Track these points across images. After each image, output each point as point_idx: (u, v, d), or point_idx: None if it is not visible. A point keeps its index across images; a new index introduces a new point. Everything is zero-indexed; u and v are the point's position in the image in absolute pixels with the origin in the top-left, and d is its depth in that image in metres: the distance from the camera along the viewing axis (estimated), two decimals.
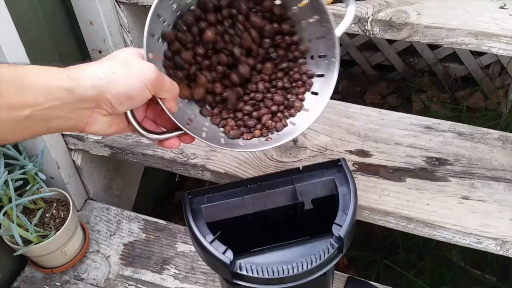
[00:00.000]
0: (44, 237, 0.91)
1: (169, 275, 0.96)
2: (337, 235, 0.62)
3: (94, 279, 0.97)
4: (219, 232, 0.65)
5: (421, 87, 1.89)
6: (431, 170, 0.89)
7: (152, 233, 1.04)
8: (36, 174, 0.92)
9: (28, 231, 0.88)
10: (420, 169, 0.89)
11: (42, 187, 0.93)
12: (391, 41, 1.98)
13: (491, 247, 0.79)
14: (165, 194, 1.56)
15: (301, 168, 0.69)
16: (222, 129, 0.67)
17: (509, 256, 0.79)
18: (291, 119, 0.67)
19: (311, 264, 0.61)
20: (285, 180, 0.69)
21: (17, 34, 0.83)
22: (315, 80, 0.68)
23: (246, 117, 0.67)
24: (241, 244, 0.65)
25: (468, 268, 1.32)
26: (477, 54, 1.88)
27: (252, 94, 0.68)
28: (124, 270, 0.98)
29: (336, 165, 0.69)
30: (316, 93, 0.67)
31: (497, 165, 0.89)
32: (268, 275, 0.61)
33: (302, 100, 0.67)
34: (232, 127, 0.67)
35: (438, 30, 0.86)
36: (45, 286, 0.97)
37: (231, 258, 0.61)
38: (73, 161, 1.03)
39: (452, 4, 0.90)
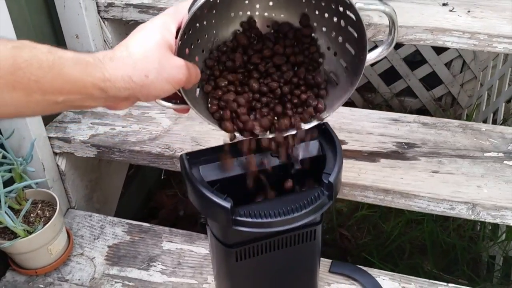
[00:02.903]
0: (31, 234, 0.91)
1: (156, 271, 0.97)
2: (327, 182, 0.67)
3: (79, 279, 0.96)
4: (217, 186, 0.68)
5: None
6: (401, 152, 0.96)
7: (137, 234, 1.05)
8: (23, 172, 0.93)
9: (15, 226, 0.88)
10: (392, 151, 0.96)
11: (28, 185, 0.94)
12: None
13: (463, 212, 0.86)
14: (143, 213, 1.58)
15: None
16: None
17: (480, 220, 0.86)
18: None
19: (306, 206, 0.66)
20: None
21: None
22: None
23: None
24: (236, 202, 0.68)
25: (441, 274, 1.37)
26: (429, 87, 2.04)
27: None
28: (109, 269, 0.97)
29: (321, 128, 0.76)
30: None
31: (461, 146, 0.97)
32: (266, 218, 0.65)
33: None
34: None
35: (399, 28, 0.97)
36: None
37: (232, 203, 0.64)
38: (58, 165, 1.05)
39: (409, 9, 1.03)
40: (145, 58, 0.53)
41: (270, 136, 0.70)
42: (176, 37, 0.57)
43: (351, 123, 1.04)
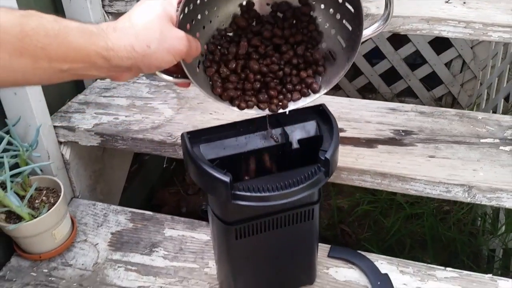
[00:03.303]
0: (35, 218, 0.93)
1: (159, 256, 0.98)
2: (323, 158, 0.69)
3: (82, 264, 0.98)
4: (216, 162, 0.70)
5: None
6: (399, 139, 0.98)
7: (140, 222, 1.06)
8: (29, 158, 0.95)
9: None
10: (389, 138, 0.98)
11: (33, 172, 0.96)
12: (351, 79, 2.14)
13: (459, 194, 0.87)
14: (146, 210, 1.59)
15: (287, 112, 0.77)
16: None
17: (476, 202, 0.87)
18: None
19: (303, 181, 0.68)
20: (274, 123, 0.76)
21: None
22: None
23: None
24: (235, 179, 0.70)
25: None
26: (429, 87, 2.06)
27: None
28: (112, 255, 0.99)
29: (318, 109, 0.78)
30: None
31: (457, 133, 0.99)
32: (265, 193, 0.67)
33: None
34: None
35: (395, 18, 1.00)
36: (32, 273, 0.97)
37: (231, 178, 0.66)
38: (62, 154, 1.07)
39: (405, 0, 1.05)
40: (147, 28, 0.56)
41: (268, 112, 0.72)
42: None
43: (349, 112, 1.06)
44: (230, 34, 0.72)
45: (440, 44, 1.96)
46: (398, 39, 2.00)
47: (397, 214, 1.57)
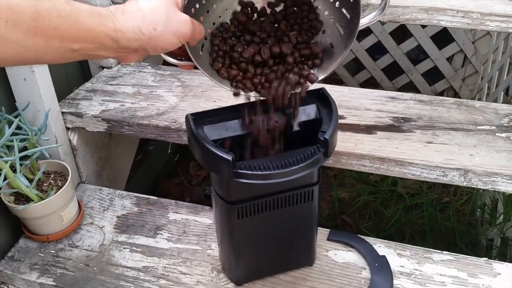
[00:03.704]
0: (43, 200, 0.96)
1: (163, 239, 1.01)
2: (322, 139, 0.72)
3: (89, 245, 1.01)
4: (219, 142, 0.73)
5: None
6: (397, 126, 1.00)
7: (145, 206, 1.09)
8: (37, 142, 0.98)
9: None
10: (388, 125, 1.01)
11: (42, 156, 0.99)
12: (353, 74, 2.17)
13: (455, 178, 0.90)
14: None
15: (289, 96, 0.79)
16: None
17: (472, 186, 0.90)
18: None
19: (303, 161, 0.70)
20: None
21: None
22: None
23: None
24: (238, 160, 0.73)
25: None
26: (431, 82, 2.08)
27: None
28: (118, 237, 1.02)
29: (318, 93, 0.80)
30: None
31: (455, 120, 1.02)
32: (266, 171, 0.69)
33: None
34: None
35: (395, 8, 1.02)
36: (39, 254, 1.00)
37: (233, 156, 0.69)
38: (70, 140, 1.10)
39: None
40: (154, 11, 0.59)
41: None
42: None
43: (350, 100, 1.09)
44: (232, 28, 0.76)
45: (442, 39, 1.98)
46: (400, 34, 2.03)
47: (397, 205, 1.60)
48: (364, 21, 0.71)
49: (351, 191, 1.71)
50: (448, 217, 1.54)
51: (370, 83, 2.18)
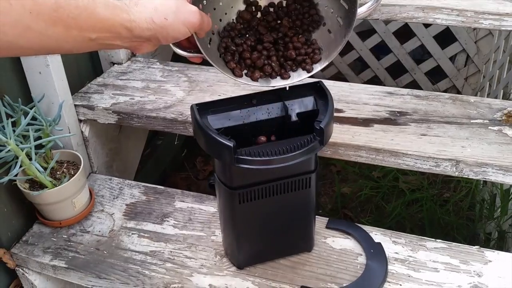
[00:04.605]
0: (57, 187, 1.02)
1: (169, 225, 1.06)
2: (318, 128, 0.77)
3: (99, 231, 1.06)
4: (221, 130, 0.78)
5: None
6: (394, 119, 1.05)
7: (152, 195, 1.15)
8: (51, 133, 1.04)
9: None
10: (384, 118, 1.05)
11: (56, 146, 1.04)
12: (358, 73, 2.21)
13: (448, 168, 0.94)
14: None
15: (287, 88, 0.84)
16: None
17: (463, 176, 0.94)
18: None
19: (300, 148, 0.75)
20: (275, 97, 0.84)
21: None
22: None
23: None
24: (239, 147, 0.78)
25: None
26: (434, 81, 2.11)
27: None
28: (127, 223, 1.07)
29: (316, 86, 0.85)
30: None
31: (449, 114, 1.06)
32: (265, 157, 0.74)
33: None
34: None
35: (392, 7, 1.07)
36: (52, 238, 1.05)
37: (235, 143, 0.74)
38: (82, 132, 1.16)
39: None
40: (164, 3, 0.65)
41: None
42: None
43: (349, 95, 1.13)
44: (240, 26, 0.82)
45: (445, 38, 2.02)
46: (404, 34, 2.07)
47: (398, 200, 1.64)
48: (362, 10, 0.76)
49: (353, 186, 1.75)
50: (447, 212, 1.58)
51: (374, 82, 2.22)
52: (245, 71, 0.81)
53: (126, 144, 1.36)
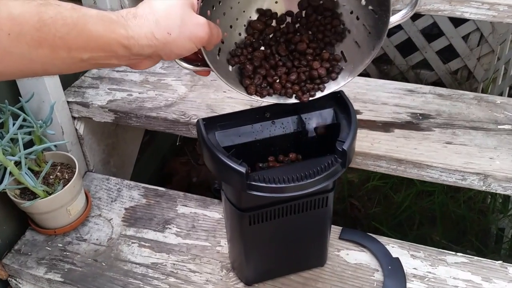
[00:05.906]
0: (50, 194, 0.94)
1: (171, 233, 0.99)
2: (340, 149, 0.69)
3: (97, 239, 0.99)
4: (232, 151, 0.70)
5: None
6: (416, 123, 0.97)
7: (153, 198, 1.07)
8: (43, 135, 0.95)
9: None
10: (406, 122, 0.97)
11: (48, 148, 0.96)
12: None
13: (475, 183, 0.87)
14: (157, 179, 1.61)
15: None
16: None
17: (491, 191, 0.87)
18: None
19: (319, 173, 0.67)
20: (290, 110, 0.76)
21: None
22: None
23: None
24: (251, 167, 0.70)
25: (450, 244, 1.39)
26: (446, 60, 2.02)
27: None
28: (126, 230, 1.01)
29: (336, 96, 0.76)
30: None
31: (475, 118, 0.98)
32: (280, 184, 0.66)
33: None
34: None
35: None
36: (47, 247, 0.98)
37: (247, 168, 0.66)
38: (76, 130, 1.07)
39: None
40: (168, 15, 0.54)
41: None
42: None
43: (366, 93, 1.05)
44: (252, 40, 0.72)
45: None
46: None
47: (408, 190, 1.57)
48: (395, 19, 0.67)
49: (361, 174, 1.68)
50: (459, 204, 1.52)
51: (383, 60, 2.12)
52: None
53: (124, 137, 1.28)
